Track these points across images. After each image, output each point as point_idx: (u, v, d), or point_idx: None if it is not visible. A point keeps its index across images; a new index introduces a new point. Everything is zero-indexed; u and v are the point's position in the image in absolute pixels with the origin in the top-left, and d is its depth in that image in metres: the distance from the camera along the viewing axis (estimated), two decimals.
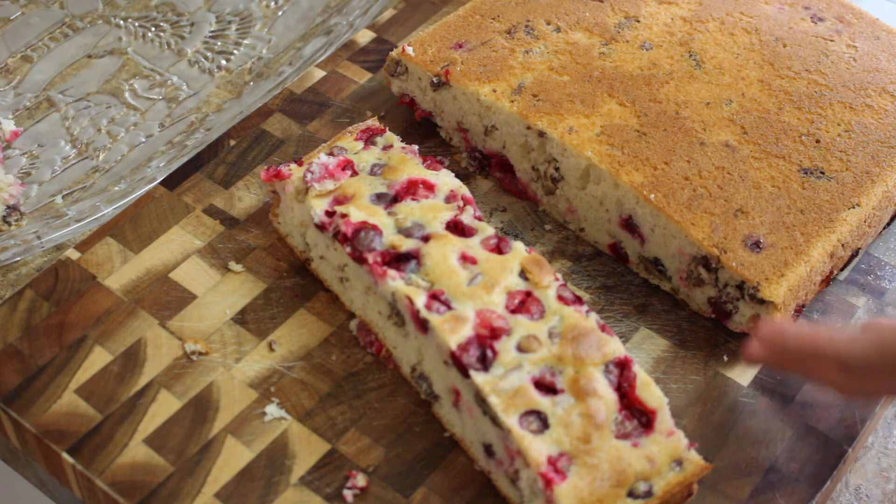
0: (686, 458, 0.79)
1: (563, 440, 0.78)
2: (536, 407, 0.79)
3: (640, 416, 0.79)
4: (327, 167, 0.93)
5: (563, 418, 0.79)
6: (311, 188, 0.92)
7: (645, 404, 0.80)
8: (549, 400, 0.79)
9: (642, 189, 0.93)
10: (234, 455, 0.85)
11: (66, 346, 0.91)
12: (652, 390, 0.80)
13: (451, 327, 0.82)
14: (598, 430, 0.78)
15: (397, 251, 0.87)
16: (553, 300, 0.84)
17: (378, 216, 0.90)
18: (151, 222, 1.00)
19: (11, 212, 1.05)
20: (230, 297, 0.95)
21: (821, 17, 1.09)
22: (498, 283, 0.85)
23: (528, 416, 0.79)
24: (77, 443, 0.85)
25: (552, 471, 0.76)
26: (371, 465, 0.85)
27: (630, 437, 0.78)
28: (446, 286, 0.85)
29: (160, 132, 1.15)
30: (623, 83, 1.02)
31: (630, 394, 0.80)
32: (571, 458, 0.77)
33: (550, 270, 0.86)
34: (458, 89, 1.03)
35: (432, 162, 0.95)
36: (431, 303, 0.84)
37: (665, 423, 0.79)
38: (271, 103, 1.11)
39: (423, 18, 1.20)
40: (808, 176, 0.95)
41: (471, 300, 0.84)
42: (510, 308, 0.84)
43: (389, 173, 0.93)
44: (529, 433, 0.78)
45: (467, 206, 0.91)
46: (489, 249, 0.88)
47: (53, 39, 1.24)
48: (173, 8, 1.28)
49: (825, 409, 0.89)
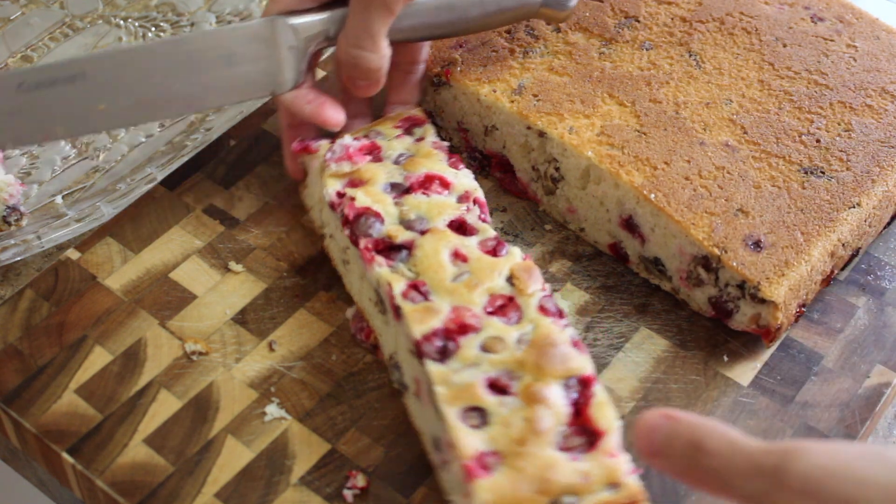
0: (623, 482, 0.75)
1: (499, 439, 0.76)
2: (481, 404, 0.78)
3: (589, 435, 0.77)
4: (349, 149, 0.94)
5: (505, 419, 0.77)
6: (328, 167, 0.93)
7: (596, 424, 0.77)
8: (496, 399, 0.78)
9: (642, 189, 0.93)
10: (234, 455, 0.85)
11: (66, 346, 0.91)
12: (606, 412, 0.78)
13: (421, 317, 0.82)
14: (537, 437, 0.76)
15: (392, 241, 0.88)
16: (533, 309, 0.83)
17: (384, 204, 0.90)
18: (151, 222, 1.00)
19: (11, 212, 1.05)
20: (230, 297, 0.95)
21: (821, 17, 1.09)
22: (482, 284, 0.84)
23: (470, 412, 0.78)
24: (77, 443, 0.85)
25: (478, 465, 0.75)
26: (371, 465, 0.85)
27: (572, 451, 0.76)
28: (430, 279, 0.85)
29: (160, 132, 1.15)
30: (623, 83, 1.02)
31: (584, 411, 0.78)
32: (502, 457, 0.76)
33: (539, 280, 0.85)
34: (458, 89, 1.03)
35: (457, 160, 0.95)
36: (410, 292, 0.84)
37: (611, 445, 0.76)
38: (271, 103, 1.11)
39: None
40: (809, 176, 0.95)
41: (450, 296, 0.84)
42: (488, 310, 0.83)
43: (410, 165, 0.94)
44: (467, 427, 0.77)
45: (476, 208, 0.91)
46: (484, 251, 0.87)
47: (53, 39, 1.24)
48: (173, 8, 1.28)
49: (825, 409, 0.89)
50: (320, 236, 0.98)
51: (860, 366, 0.92)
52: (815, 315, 0.95)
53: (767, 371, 0.91)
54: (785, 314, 0.90)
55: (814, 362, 0.92)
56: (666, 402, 0.89)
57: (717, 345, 0.93)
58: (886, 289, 0.97)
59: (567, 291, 0.96)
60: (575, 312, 0.95)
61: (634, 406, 0.89)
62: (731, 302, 0.91)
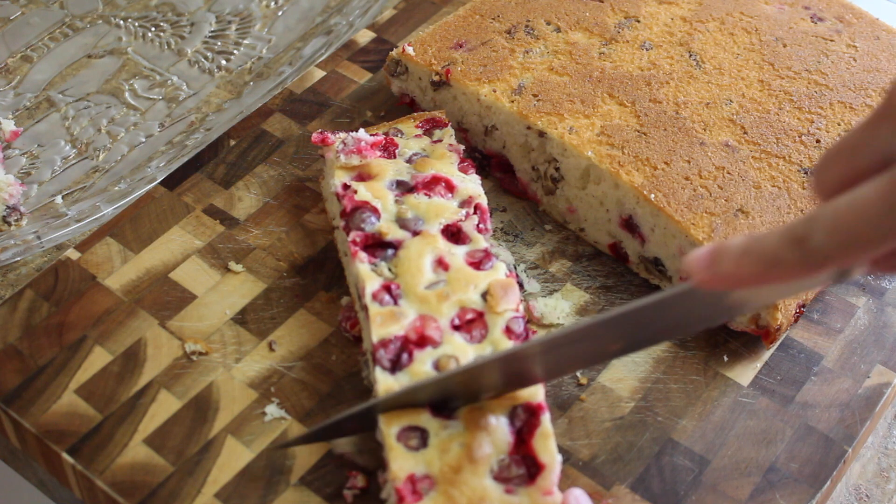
0: None
1: (434, 464, 0.76)
2: (421, 424, 0.78)
3: (529, 466, 0.77)
4: (360, 143, 0.94)
5: (444, 443, 0.77)
6: (338, 159, 0.93)
7: (537, 456, 0.77)
8: (437, 422, 0.78)
9: (642, 189, 0.93)
10: (234, 455, 0.85)
11: (66, 346, 0.91)
12: (548, 444, 0.77)
13: (383, 321, 0.82)
14: (472, 465, 0.76)
15: (382, 238, 0.88)
16: (499, 330, 0.83)
17: (384, 200, 0.91)
18: (151, 222, 1.00)
19: (11, 212, 1.05)
20: (230, 297, 0.95)
21: (821, 17, 1.09)
22: (454, 295, 0.84)
23: (410, 431, 0.78)
24: (77, 443, 0.85)
25: (409, 490, 0.75)
26: (371, 465, 0.85)
27: (509, 482, 0.76)
28: (406, 282, 0.85)
29: (160, 132, 1.15)
30: (623, 83, 1.02)
31: (527, 441, 0.77)
32: (435, 483, 0.75)
33: (514, 300, 0.84)
34: (458, 89, 1.03)
35: (468, 164, 0.95)
36: (381, 293, 0.84)
37: (548, 481, 0.76)
38: (271, 103, 1.11)
39: (423, 18, 1.20)
40: (809, 176, 0.95)
41: (420, 303, 0.83)
42: (454, 323, 0.83)
43: (421, 165, 0.94)
44: (404, 447, 0.77)
45: (475, 215, 0.91)
46: (469, 262, 0.87)
47: (53, 39, 1.24)
48: (173, 8, 1.28)
49: (825, 409, 0.89)
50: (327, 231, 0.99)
51: (860, 366, 0.92)
52: (815, 315, 0.95)
53: (767, 371, 0.91)
54: (784, 315, 0.90)
55: (814, 362, 0.92)
56: (666, 402, 0.89)
57: (717, 345, 0.93)
58: (886, 289, 0.97)
59: (567, 291, 0.96)
60: (575, 312, 0.95)
61: (634, 406, 0.89)
62: None
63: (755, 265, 0.64)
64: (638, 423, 0.88)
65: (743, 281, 0.66)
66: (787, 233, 0.63)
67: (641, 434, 0.87)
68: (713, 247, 0.67)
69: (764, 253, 0.64)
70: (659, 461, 0.85)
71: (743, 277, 0.65)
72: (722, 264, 0.66)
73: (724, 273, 0.66)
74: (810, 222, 0.61)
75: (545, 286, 0.96)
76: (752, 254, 0.64)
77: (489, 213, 0.92)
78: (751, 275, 0.65)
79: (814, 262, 0.62)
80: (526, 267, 0.98)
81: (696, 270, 0.67)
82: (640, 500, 0.83)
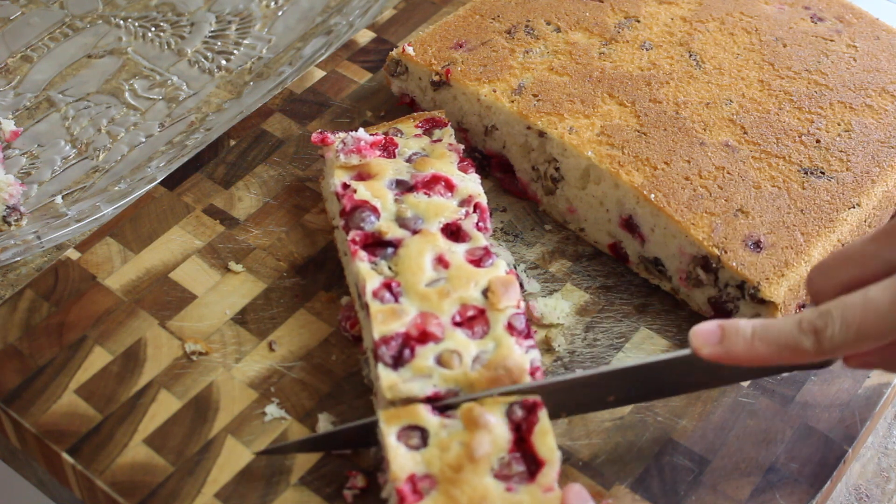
0: None
1: (434, 463, 0.76)
2: (421, 423, 0.78)
3: (529, 464, 0.77)
4: (360, 142, 0.94)
5: (444, 442, 0.77)
6: (338, 158, 0.93)
7: (537, 453, 0.77)
8: (437, 420, 0.78)
9: (642, 189, 0.93)
10: (234, 455, 0.85)
11: (66, 346, 0.91)
12: (547, 441, 0.77)
13: (384, 318, 0.82)
14: (473, 464, 0.76)
15: (382, 237, 0.88)
16: (501, 326, 0.83)
17: (384, 199, 0.91)
18: (151, 222, 1.00)
19: (11, 212, 1.05)
20: (230, 297, 0.95)
21: (821, 17, 1.09)
22: (455, 292, 0.84)
23: (410, 430, 0.78)
24: (77, 443, 0.85)
25: (410, 489, 0.75)
26: (371, 465, 0.85)
27: (509, 479, 0.76)
28: (406, 280, 0.85)
29: (160, 132, 1.15)
30: (623, 83, 1.02)
31: (527, 438, 0.77)
32: (436, 482, 0.75)
33: (515, 297, 0.84)
34: (458, 89, 1.03)
35: (468, 164, 0.95)
36: (381, 291, 0.84)
37: (549, 477, 0.76)
38: (271, 103, 1.11)
39: (423, 18, 1.20)
40: (809, 176, 0.95)
41: (421, 301, 0.83)
42: (455, 320, 0.83)
43: (421, 164, 0.94)
44: (404, 446, 0.77)
45: (475, 214, 0.91)
46: (469, 259, 0.87)
47: (53, 39, 1.24)
48: (173, 8, 1.28)
49: (825, 409, 0.89)
50: (327, 231, 0.99)
51: None
52: None
53: None
54: (784, 315, 0.90)
55: None
56: (666, 402, 0.89)
57: None
58: None
59: (567, 291, 0.96)
60: (575, 312, 0.95)
61: (634, 406, 0.89)
62: (730, 302, 0.91)
63: (769, 348, 0.73)
64: (638, 423, 0.88)
65: (753, 361, 0.74)
66: (803, 323, 0.72)
67: (641, 434, 0.87)
68: (721, 325, 0.74)
69: (779, 338, 0.73)
70: (659, 461, 0.85)
71: (754, 358, 0.74)
72: (735, 345, 0.74)
73: (735, 353, 0.74)
74: (826, 316, 0.71)
75: (545, 286, 0.96)
76: (766, 338, 0.73)
77: (489, 213, 0.92)
78: (763, 356, 0.73)
79: (827, 350, 0.71)
80: (526, 267, 0.98)
81: (703, 345, 0.75)
82: (640, 500, 0.83)
